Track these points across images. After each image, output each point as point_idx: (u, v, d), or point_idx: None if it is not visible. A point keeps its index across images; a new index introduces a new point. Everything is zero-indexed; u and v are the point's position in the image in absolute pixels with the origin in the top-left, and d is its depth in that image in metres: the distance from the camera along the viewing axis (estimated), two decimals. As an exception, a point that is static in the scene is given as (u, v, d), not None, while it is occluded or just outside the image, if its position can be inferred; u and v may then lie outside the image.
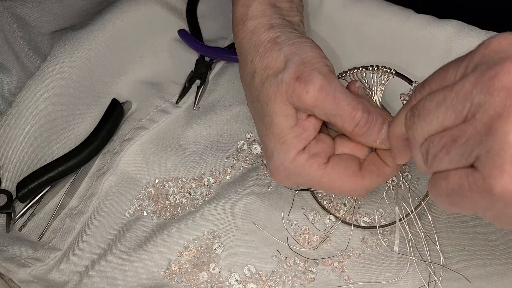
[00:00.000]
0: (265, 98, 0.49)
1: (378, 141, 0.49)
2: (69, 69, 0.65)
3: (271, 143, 0.49)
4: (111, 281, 0.58)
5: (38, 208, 0.62)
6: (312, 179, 0.49)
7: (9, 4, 0.72)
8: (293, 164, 0.48)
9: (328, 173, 0.49)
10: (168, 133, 0.65)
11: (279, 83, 0.48)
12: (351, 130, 0.48)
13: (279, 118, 0.48)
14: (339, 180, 0.49)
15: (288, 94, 0.48)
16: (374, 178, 0.50)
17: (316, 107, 0.47)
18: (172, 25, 0.71)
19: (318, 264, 0.56)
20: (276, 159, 0.49)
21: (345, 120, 0.48)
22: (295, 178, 0.50)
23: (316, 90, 0.47)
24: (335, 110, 0.47)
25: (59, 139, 0.65)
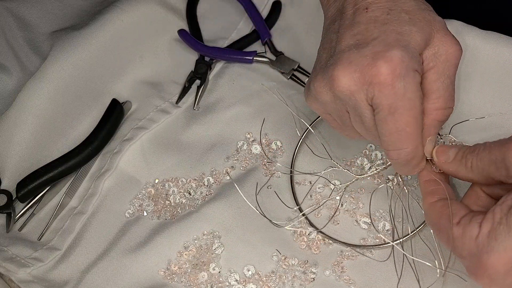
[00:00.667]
0: (419, 17, 0.48)
1: (429, 139, 0.49)
2: (69, 69, 0.65)
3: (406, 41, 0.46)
4: (111, 281, 0.58)
5: (38, 208, 0.62)
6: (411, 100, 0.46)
7: (9, 4, 0.72)
8: (412, 73, 0.45)
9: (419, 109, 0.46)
10: (168, 133, 0.65)
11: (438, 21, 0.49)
12: (440, 106, 0.48)
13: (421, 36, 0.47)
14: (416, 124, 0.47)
15: (442, 33, 0.48)
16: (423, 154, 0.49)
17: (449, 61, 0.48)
18: (172, 25, 0.71)
19: (318, 264, 0.56)
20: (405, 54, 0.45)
21: (448, 94, 0.48)
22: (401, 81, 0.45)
23: (461, 51, 0.49)
24: (452, 79, 0.48)
25: (59, 139, 0.65)
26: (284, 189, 0.60)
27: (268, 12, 0.71)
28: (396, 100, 0.45)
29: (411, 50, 0.46)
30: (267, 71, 0.67)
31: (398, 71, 0.45)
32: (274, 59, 0.68)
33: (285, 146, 0.62)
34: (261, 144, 0.62)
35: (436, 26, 0.48)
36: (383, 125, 0.46)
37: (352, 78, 0.46)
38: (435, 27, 0.48)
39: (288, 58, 0.67)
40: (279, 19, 0.71)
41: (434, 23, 0.48)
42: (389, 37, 0.46)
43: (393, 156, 0.48)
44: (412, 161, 0.48)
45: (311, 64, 0.66)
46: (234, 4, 0.72)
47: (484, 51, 0.61)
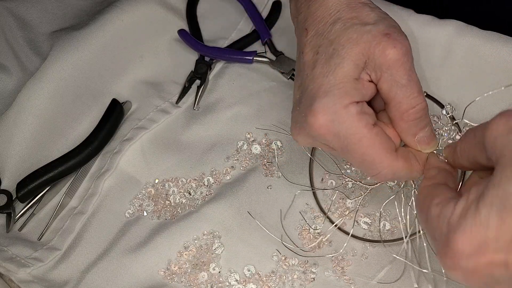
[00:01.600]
0: (342, 42, 0.48)
1: (417, 137, 0.49)
2: (69, 69, 0.65)
3: (329, 83, 0.47)
4: (111, 281, 0.58)
5: (38, 208, 0.62)
6: (353, 134, 0.47)
7: (9, 4, 0.72)
8: (344, 110, 0.46)
9: (371, 135, 0.47)
10: (168, 133, 0.65)
11: (366, 32, 0.47)
12: (405, 109, 0.47)
13: (349, 63, 0.47)
14: (377, 148, 0.47)
15: (372, 45, 0.47)
16: (406, 166, 0.48)
17: (391, 68, 0.47)
18: (172, 25, 0.71)
19: (318, 264, 0.56)
20: (330, 99, 0.47)
21: (408, 95, 0.47)
22: (337, 126, 0.47)
23: (402, 49, 0.47)
24: (406, 80, 0.47)
25: (59, 139, 0.65)
26: (284, 189, 0.60)
27: (268, 12, 0.71)
28: (341, 142, 0.47)
29: (336, 89, 0.47)
30: (267, 71, 0.67)
31: (326, 119, 0.47)
32: (274, 59, 0.68)
33: (285, 146, 0.62)
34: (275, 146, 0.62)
35: (364, 40, 0.47)
36: (349, 161, 0.49)
37: (303, 135, 0.50)
38: (363, 42, 0.47)
39: (288, 58, 0.67)
40: (279, 19, 0.71)
41: (361, 38, 0.47)
42: (315, 85, 0.48)
43: (377, 179, 0.50)
44: (397, 176, 0.49)
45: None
46: (234, 4, 0.72)
47: (484, 51, 0.61)
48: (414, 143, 0.49)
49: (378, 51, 0.47)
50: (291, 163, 0.61)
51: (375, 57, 0.47)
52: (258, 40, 0.70)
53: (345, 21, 0.49)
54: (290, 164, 0.61)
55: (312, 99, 0.47)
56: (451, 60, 0.62)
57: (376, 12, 0.49)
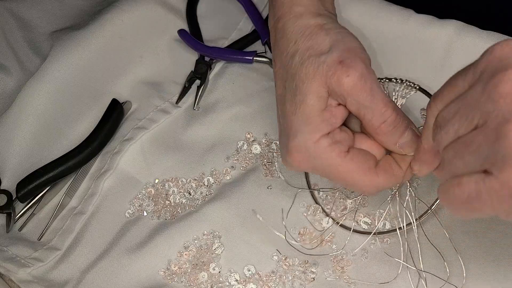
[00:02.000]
0: (302, 77, 0.49)
1: (398, 145, 0.49)
2: (69, 69, 0.65)
3: (298, 121, 0.49)
4: (111, 281, 0.58)
5: (38, 208, 0.62)
6: (329, 165, 0.49)
7: (9, 4, 0.72)
8: (316, 145, 0.49)
9: (346, 162, 0.49)
10: (168, 133, 0.65)
11: (321, 64, 0.49)
12: (377, 125, 0.49)
13: (312, 98, 0.49)
14: (354, 172, 0.49)
15: (328, 76, 0.48)
16: (387, 178, 0.50)
17: (351, 94, 0.48)
18: (172, 25, 0.71)
19: (318, 264, 0.56)
20: (300, 138, 0.49)
21: (375, 113, 0.48)
22: (313, 160, 0.49)
23: (356, 76, 0.48)
24: (369, 102, 0.48)
25: (59, 139, 0.65)
26: (284, 189, 0.60)
27: (268, 12, 0.71)
28: (321, 172, 0.50)
29: (305, 127, 0.49)
30: (267, 71, 0.67)
31: (301, 157, 0.50)
32: (274, 59, 0.68)
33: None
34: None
35: (320, 73, 0.48)
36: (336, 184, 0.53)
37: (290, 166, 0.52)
38: (319, 75, 0.48)
39: (288, 58, 0.67)
40: (279, 19, 0.71)
41: (317, 72, 0.49)
42: (287, 123, 0.50)
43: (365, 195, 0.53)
44: (383, 188, 0.50)
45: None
46: (234, 4, 0.72)
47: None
48: (398, 150, 0.50)
49: (335, 82, 0.48)
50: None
51: (333, 87, 0.48)
52: (258, 40, 0.70)
53: (302, 53, 0.50)
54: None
55: (286, 139, 0.50)
56: (451, 60, 0.62)
57: (331, 36, 0.51)
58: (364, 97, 0.48)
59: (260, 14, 0.71)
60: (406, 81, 0.56)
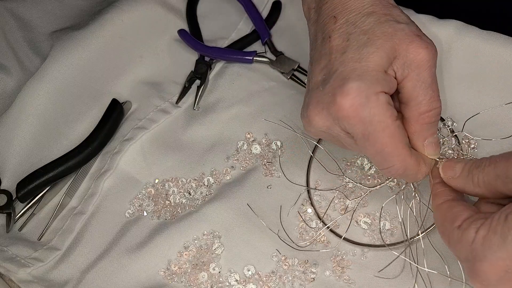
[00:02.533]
0: (378, 33, 0.49)
1: (426, 141, 0.50)
2: (69, 69, 0.65)
3: (363, 68, 0.48)
4: (111, 281, 0.58)
5: (38, 208, 0.62)
6: (380, 122, 0.47)
7: (9, 4, 0.72)
8: (375, 97, 0.47)
9: (394, 127, 0.48)
10: (168, 133, 0.65)
11: (400, 30, 0.49)
12: (424, 111, 0.49)
13: (382, 55, 0.48)
14: (396, 140, 0.48)
15: (405, 43, 0.48)
16: (417, 163, 0.49)
17: (420, 68, 0.48)
18: (172, 25, 0.71)
19: (318, 265, 0.56)
20: (362, 83, 0.47)
21: (428, 97, 0.49)
22: (366, 110, 0.47)
23: (432, 52, 0.49)
24: (430, 82, 0.49)
25: (59, 139, 0.65)
26: (284, 189, 0.60)
27: (268, 12, 0.71)
28: (365, 127, 0.47)
29: (369, 75, 0.47)
30: (267, 71, 0.68)
31: (357, 101, 0.47)
32: (274, 59, 0.68)
33: (285, 146, 0.62)
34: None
35: (398, 36, 0.49)
36: (364, 150, 0.50)
37: (323, 116, 0.49)
38: (397, 38, 0.48)
39: (288, 58, 0.67)
40: (279, 19, 0.71)
41: (396, 34, 0.49)
42: (347, 68, 0.48)
43: (385, 173, 0.51)
44: (406, 173, 0.50)
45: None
46: (234, 4, 0.72)
47: (484, 51, 0.61)
48: (422, 148, 0.50)
49: (412, 49, 0.48)
50: (291, 163, 0.61)
51: (407, 54, 0.48)
52: (258, 40, 0.70)
53: (379, 16, 0.50)
54: (290, 164, 0.61)
55: (344, 80, 0.47)
56: (451, 60, 0.62)
57: (406, 15, 0.51)
58: (428, 76, 0.48)
59: (260, 14, 0.71)
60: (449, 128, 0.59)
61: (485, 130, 0.58)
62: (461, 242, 0.44)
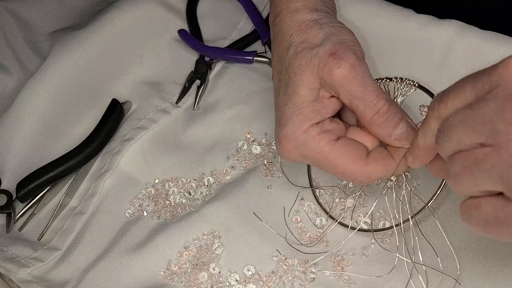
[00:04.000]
0: (295, 69, 0.51)
1: (393, 136, 0.50)
2: (69, 69, 0.65)
3: (289, 111, 0.50)
4: (111, 281, 0.58)
5: (38, 208, 0.62)
6: (319, 153, 0.50)
7: (9, 4, 0.72)
8: (305, 134, 0.50)
9: (335, 150, 0.50)
10: (168, 133, 0.65)
11: (313, 56, 0.50)
12: (370, 117, 0.49)
13: (303, 89, 0.50)
14: (343, 159, 0.50)
15: (320, 68, 0.49)
16: (378, 167, 0.50)
17: (343, 86, 0.49)
18: (172, 25, 0.71)
19: (318, 264, 0.56)
20: (290, 128, 0.50)
21: (367, 105, 0.49)
22: (302, 149, 0.50)
23: (347, 67, 0.49)
24: (361, 93, 0.49)
25: (59, 139, 0.65)
26: (284, 189, 0.60)
27: (268, 12, 0.71)
28: (312, 161, 0.51)
29: (296, 116, 0.50)
30: (267, 71, 0.67)
31: (291, 145, 0.50)
32: (274, 59, 0.68)
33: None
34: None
35: (313, 63, 0.50)
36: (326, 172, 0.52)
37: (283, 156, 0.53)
38: (312, 66, 0.50)
39: (288, 58, 0.67)
40: (279, 19, 0.71)
41: (310, 63, 0.50)
42: (279, 114, 0.52)
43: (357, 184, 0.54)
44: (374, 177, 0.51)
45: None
46: (234, 4, 0.72)
47: (484, 51, 0.61)
48: (393, 142, 0.50)
49: (326, 73, 0.49)
50: (291, 163, 0.61)
51: (325, 78, 0.49)
52: (258, 40, 0.70)
53: (296, 46, 0.52)
54: (290, 164, 0.61)
55: (278, 128, 0.52)
56: (451, 60, 0.62)
57: (324, 30, 0.52)
58: (355, 88, 0.49)
59: (260, 14, 0.71)
60: (405, 79, 0.56)
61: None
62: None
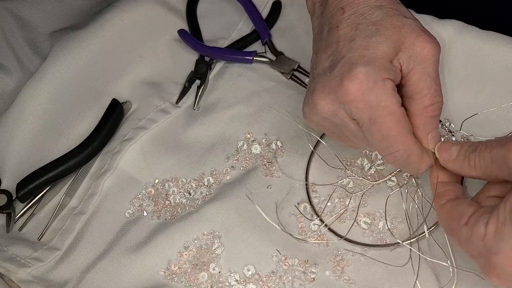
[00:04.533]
0: (386, 25, 0.50)
1: (430, 135, 0.50)
2: (69, 69, 0.65)
3: (371, 55, 0.49)
4: (111, 281, 0.58)
5: (38, 208, 0.62)
6: (385, 107, 0.48)
7: (9, 4, 0.72)
8: (381, 83, 0.48)
9: (399, 112, 0.48)
10: (168, 133, 0.65)
11: (407, 24, 0.50)
12: (427, 104, 0.50)
13: (390, 45, 0.49)
14: (401, 126, 0.49)
15: (412, 36, 0.49)
16: (420, 152, 0.50)
17: (426, 62, 0.49)
18: (172, 25, 0.71)
19: (318, 265, 0.56)
20: (370, 69, 0.48)
21: (433, 91, 0.50)
22: (372, 95, 0.47)
23: (437, 48, 0.50)
24: (434, 76, 0.50)
25: (59, 139, 0.65)
26: (284, 189, 0.60)
27: (268, 12, 0.71)
28: (372, 111, 0.48)
29: (377, 62, 0.48)
30: (267, 71, 0.68)
31: (364, 85, 0.47)
32: (274, 59, 0.68)
33: (285, 146, 0.62)
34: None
35: (405, 29, 0.49)
36: (369, 136, 0.49)
37: (329, 100, 0.49)
38: (405, 31, 0.49)
39: (288, 58, 0.67)
40: (279, 19, 0.71)
41: (403, 27, 0.50)
42: (354, 54, 0.49)
43: (389, 159, 0.51)
44: (410, 160, 0.50)
45: (311, 64, 0.67)
46: (234, 4, 0.72)
47: (484, 51, 0.61)
48: (426, 141, 0.51)
49: (418, 43, 0.49)
50: (291, 163, 0.61)
51: (413, 47, 0.49)
52: (258, 40, 0.70)
53: (387, 9, 0.51)
54: (290, 164, 0.61)
55: (352, 65, 0.48)
56: (451, 60, 0.62)
57: (411, 13, 0.52)
58: (433, 70, 0.50)
59: (260, 14, 0.71)
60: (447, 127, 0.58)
61: (483, 129, 0.58)
62: (472, 239, 0.44)
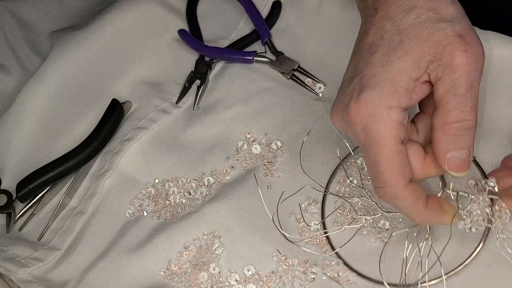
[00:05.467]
0: (411, 36, 0.45)
1: (449, 154, 0.46)
2: (69, 69, 0.65)
3: (384, 75, 0.45)
4: (111, 281, 0.58)
5: (38, 208, 0.62)
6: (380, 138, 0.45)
7: (9, 4, 0.72)
8: (385, 111, 0.45)
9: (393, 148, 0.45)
10: (168, 133, 0.65)
11: (439, 30, 0.44)
12: (451, 121, 0.45)
13: (409, 60, 0.44)
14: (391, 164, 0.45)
15: (441, 45, 0.44)
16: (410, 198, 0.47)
17: (456, 72, 0.44)
18: (172, 25, 0.71)
19: (318, 265, 0.56)
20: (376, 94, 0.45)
21: (459, 107, 0.44)
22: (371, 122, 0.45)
23: (472, 56, 0.44)
24: (464, 90, 0.44)
25: (59, 139, 0.65)
26: (284, 189, 0.60)
27: (268, 12, 0.71)
28: (366, 138, 0.46)
29: (387, 85, 0.45)
30: (267, 71, 0.68)
31: (365, 111, 0.45)
32: (274, 59, 0.68)
33: (285, 147, 0.62)
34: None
35: (435, 38, 0.44)
36: (364, 160, 0.48)
37: (339, 117, 0.48)
38: (433, 40, 0.44)
39: (288, 58, 0.67)
40: (279, 19, 0.71)
41: (432, 36, 0.44)
42: (369, 72, 0.46)
43: (375, 192, 0.48)
44: (397, 204, 0.47)
45: (311, 64, 0.67)
46: (234, 4, 0.72)
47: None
48: (443, 161, 0.46)
49: (447, 51, 0.44)
50: (291, 163, 0.61)
51: (442, 56, 0.44)
52: (258, 40, 0.70)
53: (420, 12, 0.46)
54: (290, 164, 0.61)
55: (362, 87, 0.45)
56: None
57: (456, 7, 0.46)
58: (463, 83, 0.44)
59: (260, 14, 0.71)
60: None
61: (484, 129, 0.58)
62: None
